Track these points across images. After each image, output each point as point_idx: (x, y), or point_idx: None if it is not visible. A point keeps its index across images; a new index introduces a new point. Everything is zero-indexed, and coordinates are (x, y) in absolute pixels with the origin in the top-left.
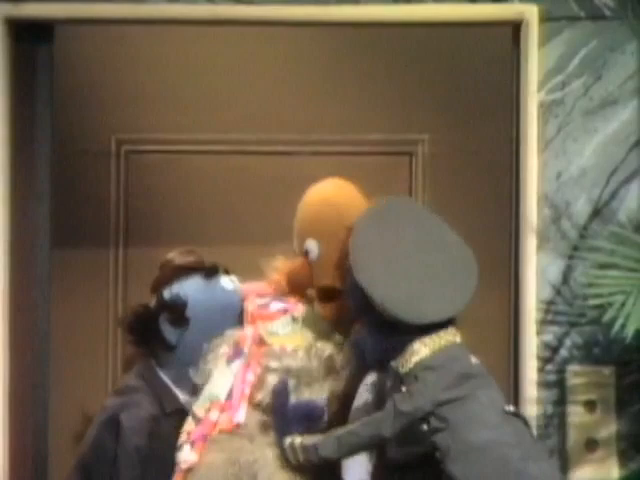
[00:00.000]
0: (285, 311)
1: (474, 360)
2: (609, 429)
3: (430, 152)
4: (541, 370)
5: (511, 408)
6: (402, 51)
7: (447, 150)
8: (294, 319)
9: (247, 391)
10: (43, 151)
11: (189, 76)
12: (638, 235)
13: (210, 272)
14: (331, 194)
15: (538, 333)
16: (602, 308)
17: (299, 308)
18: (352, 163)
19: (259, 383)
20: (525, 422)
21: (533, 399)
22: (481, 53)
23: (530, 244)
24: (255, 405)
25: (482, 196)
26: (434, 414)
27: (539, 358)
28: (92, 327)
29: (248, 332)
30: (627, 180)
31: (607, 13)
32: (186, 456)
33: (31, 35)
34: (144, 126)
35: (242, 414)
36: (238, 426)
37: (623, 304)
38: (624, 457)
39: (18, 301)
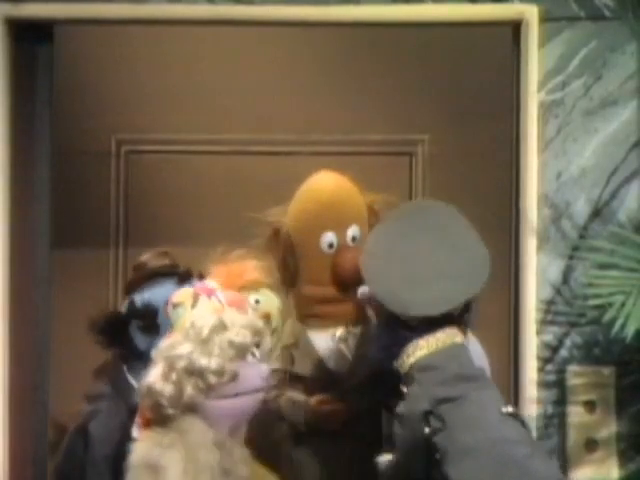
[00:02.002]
0: None
1: (476, 360)
2: (609, 429)
3: (430, 152)
4: (541, 370)
5: (509, 409)
6: (402, 51)
7: (447, 150)
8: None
9: None
10: (43, 151)
11: (189, 76)
12: (638, 235)
13: (183, 278)
14: (340, 181)
15: (538, 333)
16: (602, 308)
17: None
18: (352, 163)
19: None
20: (523, 423)
21: (533, 399)
22: (481, 53)
23: (530, 244)
24: None
25: (482, 196)
26: (433, 414)
27: (539, 358)
28: None
29: None
30: (627, 180)
31: (607, 13)
32: None
33: (31, 35)
34: (144, 126)
35: None
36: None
37: (623, 304)
38: (624, 457)
39: (18, 301)
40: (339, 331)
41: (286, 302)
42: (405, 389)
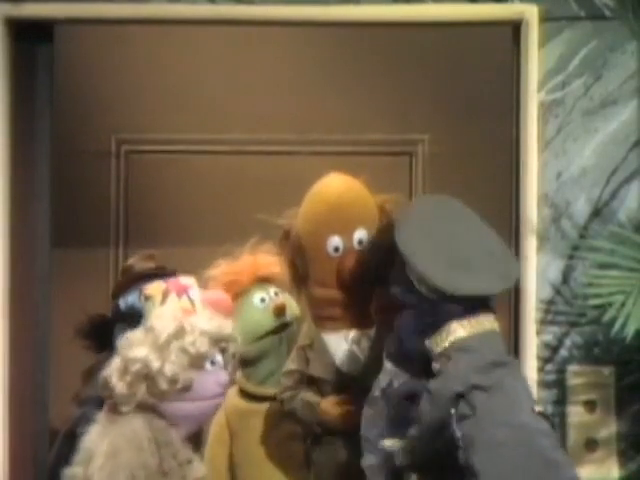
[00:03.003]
0: None
1: None
2: (609, 429)
3: (430, 152)
4: (541, 370)
5: (539, 408)
6: (402, 51)
7: (447, 150)
8: None
9: None
10: (43, 151)
11: (189, 76)
12: (638, 235)
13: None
14: (349, 184)
15: (538, 333)
16: (602, 308)
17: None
18: (352, 163)
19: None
20: (551, 424)
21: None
22: (481, 53)
23: (530, 244)
24: None
25: (482, 196)
26: (464, 398)
27: (539, 358)
28: None
29: None
30: (627, 180)
31: (607, 13)
32: None
33: (31, 35)
34: (144, 126)
35: None
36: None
37: (623, 304)
38: (624, 457)
39: (18, 301)
40: (352, 333)
41: (299, 303)
42: (437, 366)
